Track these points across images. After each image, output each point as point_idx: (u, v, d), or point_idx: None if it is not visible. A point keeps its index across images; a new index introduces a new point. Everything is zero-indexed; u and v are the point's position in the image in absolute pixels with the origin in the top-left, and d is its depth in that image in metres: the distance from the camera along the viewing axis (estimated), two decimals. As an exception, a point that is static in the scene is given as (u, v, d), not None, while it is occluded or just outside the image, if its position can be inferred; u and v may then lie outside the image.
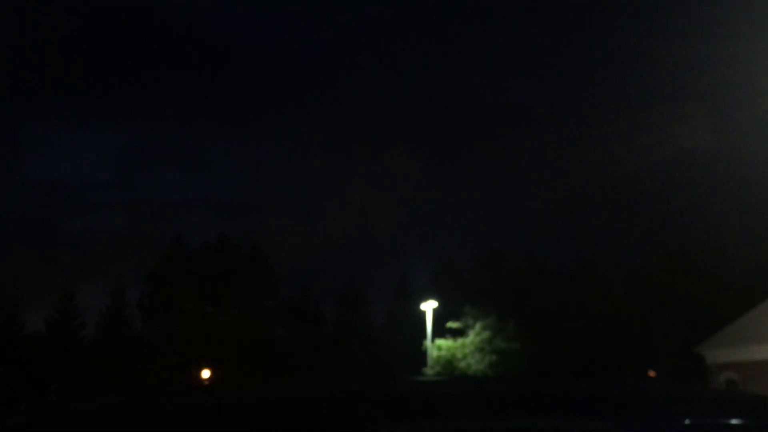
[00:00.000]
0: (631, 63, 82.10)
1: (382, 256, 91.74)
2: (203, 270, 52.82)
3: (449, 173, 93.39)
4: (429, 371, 31.87)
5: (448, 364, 31.81)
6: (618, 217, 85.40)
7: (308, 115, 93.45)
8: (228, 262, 53.77)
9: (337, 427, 2.03)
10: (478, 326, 32.22)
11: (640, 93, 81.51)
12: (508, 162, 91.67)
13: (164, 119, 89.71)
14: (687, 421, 2.09)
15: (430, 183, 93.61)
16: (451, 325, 32.90)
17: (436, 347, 32.32)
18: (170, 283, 52.31)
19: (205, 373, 43.45)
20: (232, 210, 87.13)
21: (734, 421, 2.14)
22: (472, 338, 32.09)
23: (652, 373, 42.91)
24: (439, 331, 33.10)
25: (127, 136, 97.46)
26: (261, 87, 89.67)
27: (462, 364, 31.59)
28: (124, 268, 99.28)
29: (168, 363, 45.06)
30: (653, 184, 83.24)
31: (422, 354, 33.40)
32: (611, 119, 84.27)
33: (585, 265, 53.68)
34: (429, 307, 33.27)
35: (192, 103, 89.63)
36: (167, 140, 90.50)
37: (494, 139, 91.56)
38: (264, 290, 55.68)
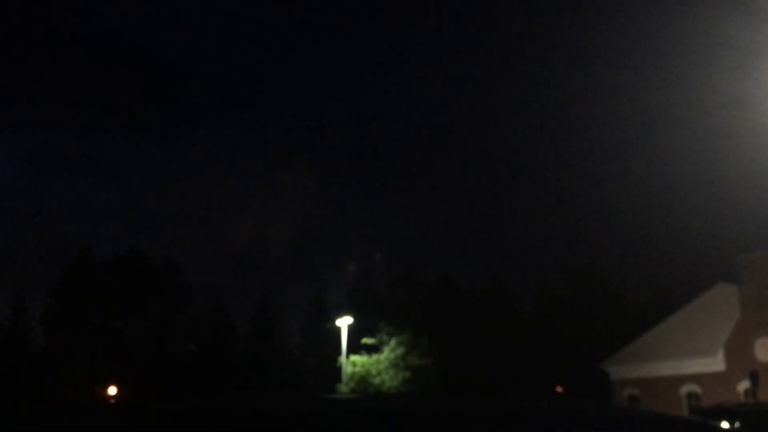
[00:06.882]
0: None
1: (297, 271, 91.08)
2: (112, 283, 50.99)
3: (367, 191, 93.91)
4: (343, 387, 31.75)
5: (363, 380, 31.83)
6: (530, 237, 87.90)
7: (224, 127, 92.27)
8: (138, 274, 52.12)
9: None
10: (392, 342, 32.41)
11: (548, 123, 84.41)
12: (425, 181, 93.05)
13: (74, 126, 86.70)
14: None
15: (347, 199, 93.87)
16: (366, 341, 32.99)
17: (351, 363, 32.28)
18: (76, 296, 50.23)
19: (112, 390, 41.83)
20: (145, 222, 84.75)
21: None
22: (386, 354, 32.23)
23: (559, 389, 44.19)
24: (355, 347, 33.10)
25: (34, 143, 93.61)
26: (174, 97, 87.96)
27: (376, 380, 31.67)
28: (28, 280, 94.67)
29: (71, 379, 43.14)
30: (564, 209, 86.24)
31: (337, 370, 33.28)
32: (520, 138, 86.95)
33: (496, 282, 54.95)
34: (344, 323, 33.21)
35: (103, 110, 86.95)
36: (76, 148, 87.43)
37: (411, 158, 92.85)
38: (175, 304, 54.19)
